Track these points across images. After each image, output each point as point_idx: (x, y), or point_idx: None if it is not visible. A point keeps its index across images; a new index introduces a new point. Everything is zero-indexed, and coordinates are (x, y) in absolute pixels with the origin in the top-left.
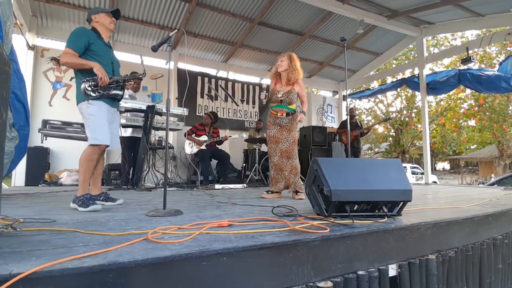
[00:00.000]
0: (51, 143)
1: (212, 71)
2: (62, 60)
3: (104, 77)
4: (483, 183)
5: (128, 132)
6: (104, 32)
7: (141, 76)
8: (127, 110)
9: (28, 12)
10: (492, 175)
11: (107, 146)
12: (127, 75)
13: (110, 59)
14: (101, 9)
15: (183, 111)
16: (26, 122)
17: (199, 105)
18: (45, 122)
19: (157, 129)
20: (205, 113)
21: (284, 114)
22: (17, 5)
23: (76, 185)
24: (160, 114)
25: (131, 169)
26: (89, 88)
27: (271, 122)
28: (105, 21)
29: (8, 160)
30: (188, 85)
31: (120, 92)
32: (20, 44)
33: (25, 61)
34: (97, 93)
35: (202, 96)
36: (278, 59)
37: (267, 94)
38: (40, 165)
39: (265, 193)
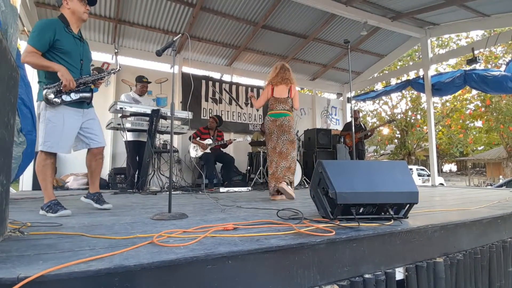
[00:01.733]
0: None
1: (216, 75)
2: (23, 59)
3: (70, 83)
4: (491, 185)
5: (133, 136)
6: (75, 21)
7: (114, 71)
8: (132, 114)
9: (35, 19)
10: (501, 176)
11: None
12: (95, 73)
13: (79, 56)
14: None
15: (188, 115)
16: (33, 127)
17: (203, 108)
18: None
19: (162, 133)
20: (210, 117)
21: None
22: (24, 12)
23: (83, 189)
24: (165, 118)
25: (137, 172)
26: (52, 95)
27: None
28: (79, 9)
29: (16, 165)
30: (192, 89)
31: (88, 95)
32: None
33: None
34: (61, 100)
35: (206, 100)
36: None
37: None
38: None
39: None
